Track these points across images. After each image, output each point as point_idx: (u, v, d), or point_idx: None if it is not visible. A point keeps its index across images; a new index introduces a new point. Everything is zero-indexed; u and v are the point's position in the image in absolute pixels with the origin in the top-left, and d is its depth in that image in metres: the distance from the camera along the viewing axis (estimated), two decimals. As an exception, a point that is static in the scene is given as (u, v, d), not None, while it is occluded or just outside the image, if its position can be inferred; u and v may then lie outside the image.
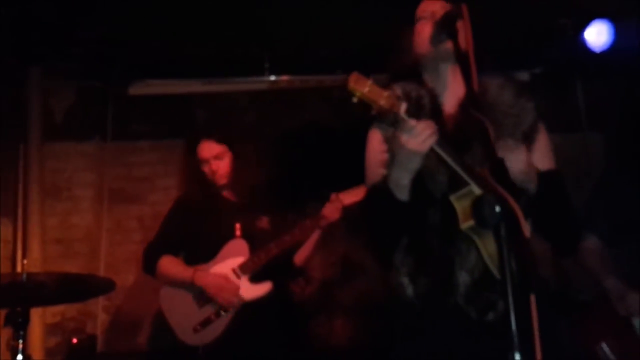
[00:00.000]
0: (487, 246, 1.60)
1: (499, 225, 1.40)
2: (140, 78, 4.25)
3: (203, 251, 2.90)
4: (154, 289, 3.63)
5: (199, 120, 4.37)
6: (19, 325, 2.05)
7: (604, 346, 2.45)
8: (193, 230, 2.92)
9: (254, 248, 2.92)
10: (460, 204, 1.61)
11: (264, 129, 4.21)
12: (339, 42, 3.87)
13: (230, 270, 2.89)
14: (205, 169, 3.00)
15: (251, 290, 2.88)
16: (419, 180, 1.65)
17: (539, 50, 4.04)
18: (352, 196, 2.98)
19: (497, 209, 1.40)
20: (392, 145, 1.70)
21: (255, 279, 2.90)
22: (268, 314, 2.89)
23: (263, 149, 3.49)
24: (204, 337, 2.79)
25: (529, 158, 1.65)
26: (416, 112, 1.60)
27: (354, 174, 3.07)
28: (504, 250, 1.38)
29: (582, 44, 3.73)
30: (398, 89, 1.74)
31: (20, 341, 2.05)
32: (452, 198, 1.62)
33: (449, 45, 1.68)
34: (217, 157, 2.98)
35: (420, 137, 1.56)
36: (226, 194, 3.05)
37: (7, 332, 3.74)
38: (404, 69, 1.82)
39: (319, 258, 3.47)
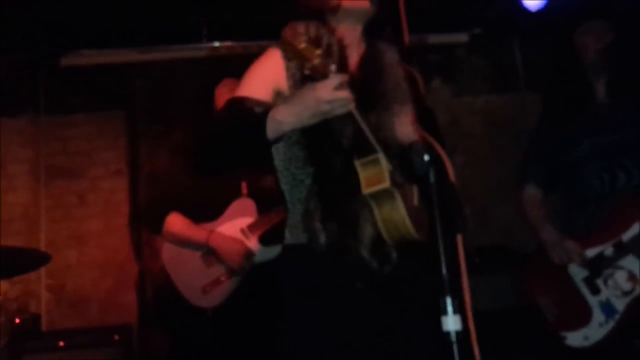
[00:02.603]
0: (382, 212, 1.65)
1: (428, 173, 1.45)
2: (72, 48, 4.10)
3: (207, 209, 2.81)
4: (99, 266, 3.59)
5: (137, 90, 4.26)
6: None
7: (543, 299, 2.52)
8: (197, 186, 2.81)
9: (260, 207, 2.85)
10: (364, 171, 1.64)
11: (205, 97, 4.13)
12: (278, 7, 3.81)
13: (238, 230, 2.81)
14: None
15: (262, 252, 2.81)
16: (326, 125, 1.64)
17: (476, 11, 4.09)
18: None
19: (426, 157, 1.46)
20: (296, 88, 1.67)
21: (265, 241, 2.82)
22: (275, 277, 2.84)
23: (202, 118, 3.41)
24: (213, 299, 2.72)
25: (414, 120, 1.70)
26: (326, 59, 1.56)
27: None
28: (433, 196, 1.44)
29: (519, 3, 3.79)
30: (312, 28, 1.71)
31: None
32: (357, 164, 1.64)
33: (366, 4, 1.72)
34: None
35: (338, 100, 1.56)
36: None
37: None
38: (311, 10, 1.78)
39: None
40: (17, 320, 3.54)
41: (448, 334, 1.35)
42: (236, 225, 2.83)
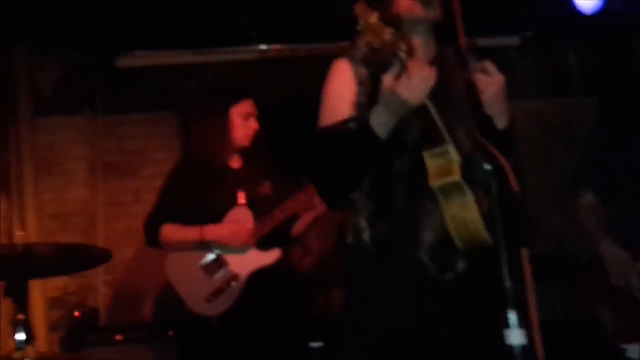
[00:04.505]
0: (451, 209, 1.59)
1: (490, 183, 1.42)
2: (127, 50, 4.21)
3: (205, 220, 2.84)
4: (154, 262, 3.66)
5: (188, 91, 4.34)
6: (19, 297, 2.05)
7: (602, 310, 2.47)
8: (194, 198, 2.86)
9: (257, 215, 2.89)
10: (433, 163, 1.59)
11: (259, 97, 4.20)
12: (329, 10, 3.84)
13: (233, 221, 2.86)
14: (244, 124, 2.92)
15: (260, 258, 2.86)
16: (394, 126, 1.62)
17: (529, 14, 4.04)
18: None
19: (487, 167, 1.43)
20: (374, 87, 1.65)
21: (262, 246, 2.88)
22: (277, 283, 2.90)
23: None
24: (217, 307, 2.76)
25: None
26: (397, 38, 1.54)
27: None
28: (495, 207, 1.40)
29: (572, 6, 3.74)
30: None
31: (22, 313, 2.04)
32: (426, 155, 1.60)
33: (435, 12, 1.71)
34: (256, 118, 2.96)
35: (416, 81, 1.53)
36: (229, 162, 3.00)
37: (8, 307, 3.78)
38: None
39: (315, 228, 3.48)
40: (77, 314, 3.67)
41: (512, 348, 1.33)
42: None
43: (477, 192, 1.64)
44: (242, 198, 2.92)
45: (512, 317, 1.35)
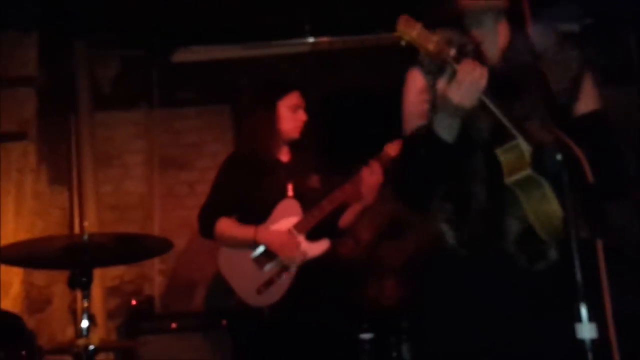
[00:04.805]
0: (531, 203, 1.58)
1: (561, 173, 1.38)
2: (183, 45, 4.29)
3: (256, 212, 2.90)
4: (207, 252, 3.74)
5: (241, 85, 4.39)
6: (83, 285, 2.11)
7: None
8: (245, 191, 2.91)
9: (305, 207, 2.92)
10: (506, 158, 1.59)
11: (307, 91, 4.21)
12: (380, 1, 3.81)
13: (286, 231, 2.90)
14: (292, 116, 2.96)
15: (311, 248, 2.89)
16: (462, 126, 1.63)
17: (588, 1, 3.91)
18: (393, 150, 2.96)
19: (558, 157, 1.39)
20: (436, 93, 1.68)
21: (311, 237, 2.91)
22: (326, 273, 2.91)
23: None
24: (268, 298, 2.81)
25: None
26: (460, 59, 1.55)
27: (398, 134, 3.08)
28: (567, 197, 1.37)
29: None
30: (440, 35, 1.71)
31: (86, 301, 2.11)
32: (498, 151, 1.60)
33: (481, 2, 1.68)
34: (304, 110, 2.99)
35: (465, 84, 1.54)
36: (279, 155, 3.04)
37: (66, 295, 3.94)
38: (445, 17, 1.78)
39: (366, 219, 3.47)
40: (134, 302, 3.78)
41: (582, 342, 1.31)
42: (283, 226, 2.89)
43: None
44: (291, 190, 2.96)
45: (583, 310, 1.33)
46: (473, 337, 1.65)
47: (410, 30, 1.52)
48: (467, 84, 1.54)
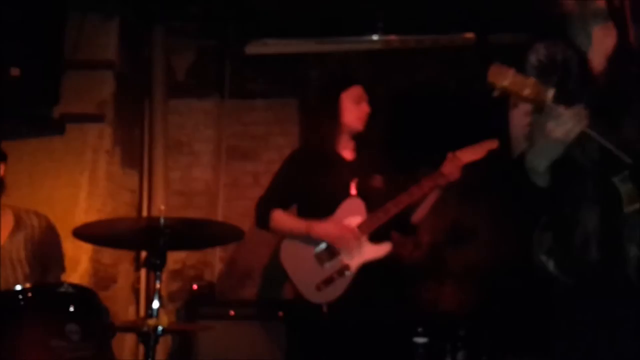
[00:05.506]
0: None
1: None
2: (256, 38, 4.34)
3: (318, 207, 2.91)
4: (265, 244, 3.79)
5: (311, 79, 4.41)
6: (157, 267, 2.17)
7: None
8: (306, 185, 2.94)
9: (369, 207, 2.91)
10: (623, 188, 1.55)
11: (376, 89, 4.19)
12: (455, 1, 3.75)
13: (342, 223, 2.90)
14: (355, 108, 2.98)
15: (372, 251, 2.89)
16: (565, 158, 1.60)
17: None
18: (471, 154, 2.91)
19: None
20: (534, 124, 1.64)
21: (374, 239, 2.91)
22: (385, 275, 2.90)
23: (376, 110, 3.48)
24: (326, 296, 2.82)
25: None
26: (564, 80, 1.53)
27: (468, 137, 3.02)
28: None
29: None
30: (541, 52, 1.67)
31: (158, 282, 2.16)
32: (616, 180, 1.56)
33: (600, 2, 1.61)
34: (366, 104, 3.01)
35: (567, 124, 1.51)
36: (343, 152, 3.04)
37: (130, 275, 4.06)
38: (548, 26, 1.73)
39: (428, 222, 3.43)
40: (195, 287, 3.87)
41: None
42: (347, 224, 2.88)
43: None
44: (354, 188, 2.96)
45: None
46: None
47: (502, 79, 1.50)
48: (570, 125, 1.51)
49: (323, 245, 2.89)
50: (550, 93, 1.50)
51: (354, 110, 2.98)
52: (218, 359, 3.45)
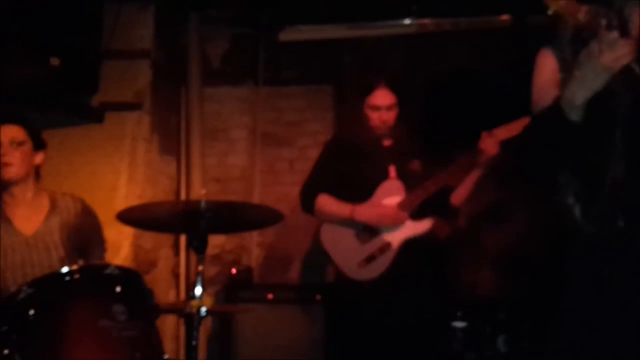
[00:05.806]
0: None
1: None
2: (289, 24, 4.34)
3: (358, 191, 2.97)
4: (303, 228, 3.82)
5: (345, 65, 4.40)
6: (199, 250, 2.20)
7: None
8: (347, 170, 2.99)
9: (408, 189, 2.96)
10: None
11: (412, 73, 4.16)
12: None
13: (384, 204, 2.95)
14: (374, 115, 3.02)
15: (412, 227, 2.92)
16: (598, 100, 1.55)
17: None
18: (507, 131, 2.90)
19: None
20: (572, 64, 1.59)
21: (414, 217, 2.93)
22: (426, 256, 2.92)
23: (411, 94, 3.47)
24: (368, 273, 2.88)
25: None
26: (594, 15, 1.50)
27: (504, 120, 3.00)
28: None
29: None
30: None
31: (201, 265, 2.20)
32: None
33: None
34: (390, 108, 3.02)
35: (619, 51, 1.47)
36: (381, 138, 3.07)
37: (170, 259, 4.13)
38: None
39: (467, 206, 3.42)
40: (234, 271, 3.92)
41: None
42: (387, 204, 2.92)
43: None
44: (392, 172, 2.99)
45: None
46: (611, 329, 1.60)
47: (557, 2, 1.49)
48: (621, 52, 1.48)
49: (363, 226, 2.92)
50: (604, 21, 1.47)
51: (373, 117, 3.02)
52: (258, 342, 3.50)
